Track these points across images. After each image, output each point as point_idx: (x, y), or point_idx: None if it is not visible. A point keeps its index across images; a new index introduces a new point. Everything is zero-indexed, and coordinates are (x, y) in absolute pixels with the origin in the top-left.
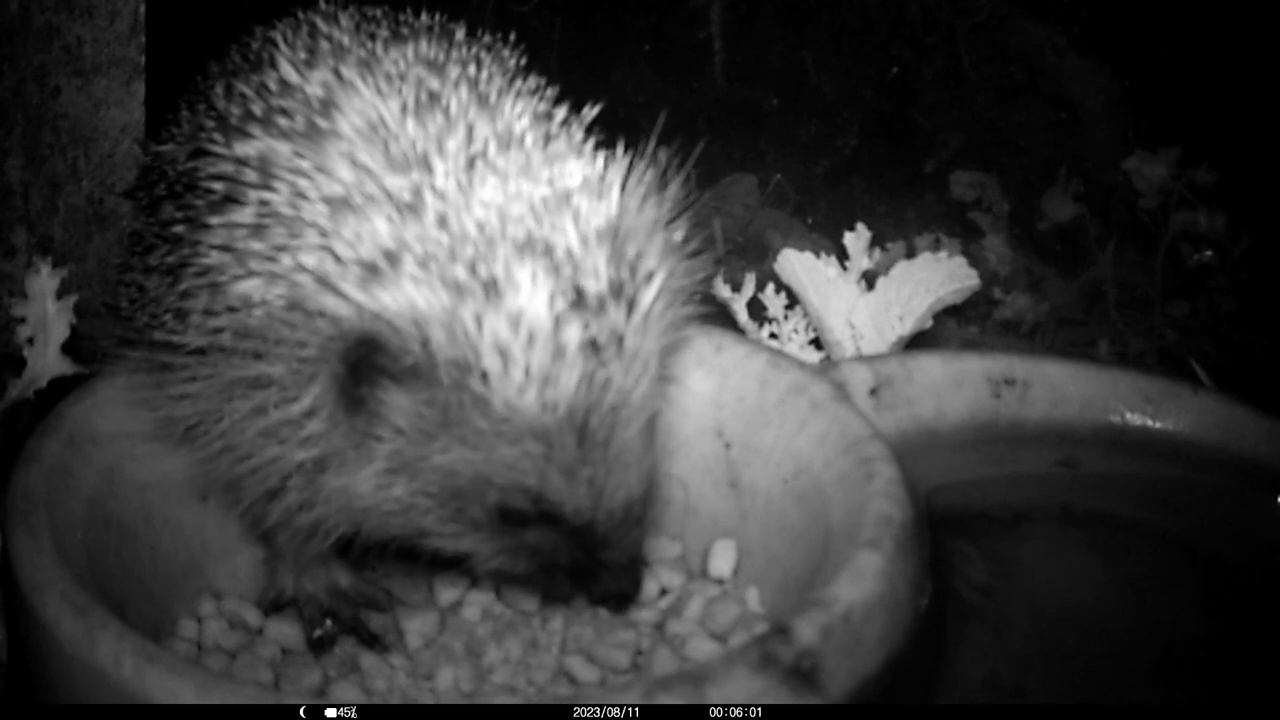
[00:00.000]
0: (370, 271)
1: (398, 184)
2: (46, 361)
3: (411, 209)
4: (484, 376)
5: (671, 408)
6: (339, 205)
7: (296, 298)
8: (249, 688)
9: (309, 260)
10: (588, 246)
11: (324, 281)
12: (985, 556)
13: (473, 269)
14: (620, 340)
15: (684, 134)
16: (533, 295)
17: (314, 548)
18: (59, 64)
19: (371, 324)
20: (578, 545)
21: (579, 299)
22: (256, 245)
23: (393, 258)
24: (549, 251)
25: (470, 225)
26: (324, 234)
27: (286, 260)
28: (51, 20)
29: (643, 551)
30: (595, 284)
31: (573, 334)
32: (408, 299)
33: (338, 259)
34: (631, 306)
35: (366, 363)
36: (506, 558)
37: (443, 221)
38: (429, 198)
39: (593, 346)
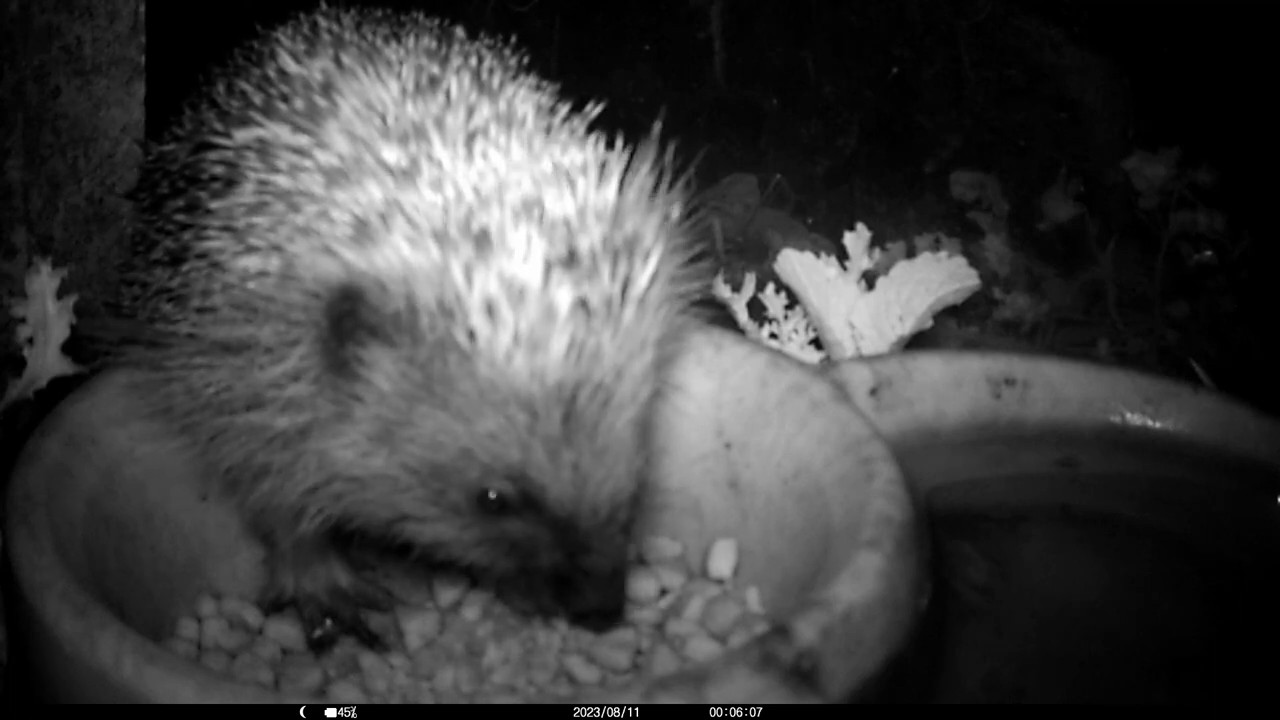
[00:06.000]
0: (361, 230)
1: (394, 154)
2: (46, 361)
3: (407, 174)
4: (471, 335)
5: (671, 408)
6: (335, 175)
7: (289, 265)
8: (249, 688)
9: (300, 220)
10: (584, 217)
11: (315, 241)
12: (985, 556)
13: (465, 224)
14: (612, 309)
15: (684, 134)
16: (525, 253)
17: (304, 532)
18: (59, 64)
19: (356, 278)
20: (559, 545)
21: (571, 258)
22: (256, 220)
23: (385, 218)
24: (544, 215)
25: (466, 188)
26: (319, 202)
27: (284, 231)
28: (51, 20)
29: (627, 563)
30: (589, 243)
31: (563, 294)
32: (397, 254)
33: (330, 221)
34: (627, 282)
35: (350, 318)
36: (486, 550)
37: (438, 185)
38: (425, 165)
39: (583, 308)
